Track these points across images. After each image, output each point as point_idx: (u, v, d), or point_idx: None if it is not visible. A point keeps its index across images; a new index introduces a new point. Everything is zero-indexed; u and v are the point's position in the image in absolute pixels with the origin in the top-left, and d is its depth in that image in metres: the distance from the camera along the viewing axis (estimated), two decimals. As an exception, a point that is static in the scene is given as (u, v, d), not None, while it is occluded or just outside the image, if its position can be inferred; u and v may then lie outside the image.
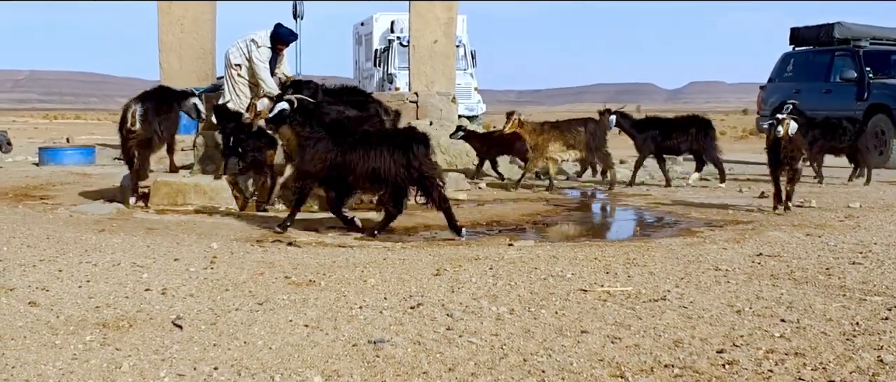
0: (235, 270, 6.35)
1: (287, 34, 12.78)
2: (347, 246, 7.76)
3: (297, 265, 6.61)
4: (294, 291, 5.66)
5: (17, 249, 7.02)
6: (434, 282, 5.97)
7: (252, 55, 12.41)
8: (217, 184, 10.53)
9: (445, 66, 16.34)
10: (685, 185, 13.74)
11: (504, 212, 10.38)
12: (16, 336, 4.52)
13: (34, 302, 5.19)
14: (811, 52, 20.67)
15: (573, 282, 5.98)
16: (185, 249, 7.30)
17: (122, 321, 4.83)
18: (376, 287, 5.83)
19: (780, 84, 20.99)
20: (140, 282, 5.84)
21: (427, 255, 7.12)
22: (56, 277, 5.93)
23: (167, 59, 15.58)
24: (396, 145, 8.32)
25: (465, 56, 27.52)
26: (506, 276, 6.17)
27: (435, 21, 16.14)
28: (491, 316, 5.04)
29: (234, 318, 4.94)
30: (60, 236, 7.82)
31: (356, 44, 32.68)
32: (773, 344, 4.48)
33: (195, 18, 15.66)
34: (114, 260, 6.64)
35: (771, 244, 7.73)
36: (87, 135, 33.21)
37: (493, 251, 7.38)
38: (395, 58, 27.55)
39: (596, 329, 4.75)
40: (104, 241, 7.60)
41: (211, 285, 5.82)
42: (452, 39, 16.41)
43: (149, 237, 8.04)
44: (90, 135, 34.30)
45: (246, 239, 8.07)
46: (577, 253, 7.18)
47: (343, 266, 6.61)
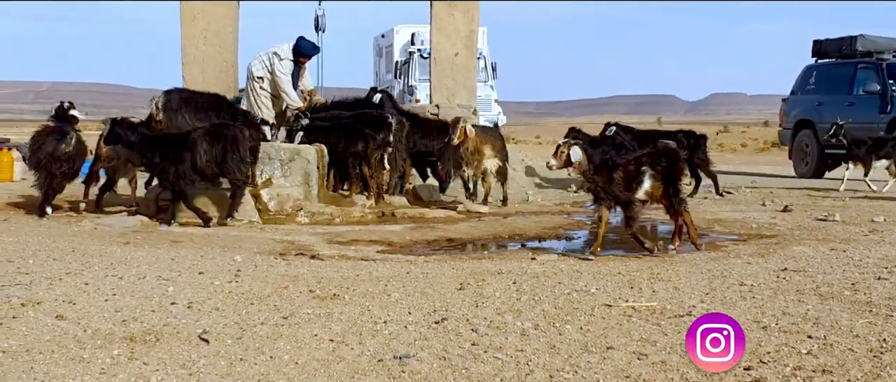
0: (260, 284, 6.37)
1: (309, 47, 12.85)
2: (370, 260, 7.78)
3: (320, 278, 6.62)
4: (318, 305, 5.67)
5: (43, 262, 7.07)
6: (458, 297, 5.98)
7: (274, 68, 12.49)
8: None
9: (466, 79, 16.36)
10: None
11: (526, 226, 10.38)
12: (44, 350, 4.55)
13: (61, 315, 5.22)
14: (834, 65, 20.58)
15: (597, 297, 5.97)
16: (210, 262, 7.33)
17: (148, 335, 4.85)
18: (400, 301, 5.83)
19: (803, 97, 20.91)
20: (166, 296, 5.86)
21: (450, 269, 7.13)
22: (82, 290, 5.97)
23: (190, 71, 15.67)
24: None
25: (485, 68, 27.55)
26: (529, 291, 6.17)
27: (456, 34, 16.16)
28: (516, 331, 5.04)
29: (259, 332, 4.95)
30: (85, 249, 7.86)
31: (377, 56, 32.78)
32: (801, 361, 4.46)
33: (218, 31, 15.75)
34: (139, 273, 6.67)
35: (796, 258, 7.70)
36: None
37: (516, 265, 7.38)
38: (415, 70, 27.63)
39: (621, 345, 4.75)
40: (129, 254, 7.64)
41: (236, 299, 5.84)
42: (473, 52, 16.43)
43: (173, 250, 8.08)
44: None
45: (269, 252, 8.10)
46: (600, 268, 7.17)
47: (366, 279, 6.62)
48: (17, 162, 15.92)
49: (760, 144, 40.06)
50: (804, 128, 20.41)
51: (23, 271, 6.59)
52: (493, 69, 28.87)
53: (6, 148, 16.18)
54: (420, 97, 26.19)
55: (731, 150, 40.35)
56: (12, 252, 7.50)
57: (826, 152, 19.81)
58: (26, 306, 5.43)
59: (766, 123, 77.63)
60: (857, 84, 19.52)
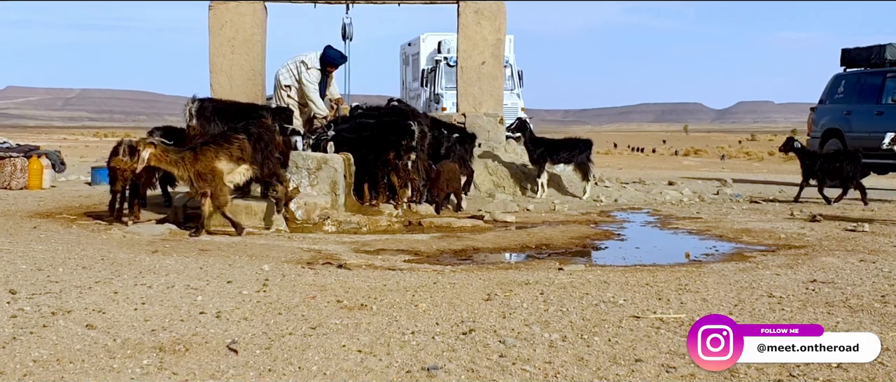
0: (288, 293, 6.39)
1: (336, 57, 12.92)
2: (397, 269, 7.78)
3: (348, 288, 6.63)
4: (346, 315, 5.68)
5: (72, 270, 7.11)
6: (485, 307, 5.97)
7: (302, 77, 12.57)
8: (268, 205, 10.60)
9: (493, 88, 16.40)
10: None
11: (552, 236, 10.36)
12: (75, 359, 4.58)
13: (91, 324, 5.25)
14: (862, 74, 20.46)
15: (625, 309, 5.96)
16: (238, 271, 7.36)
17: (178, 344, 4.88)
18: (428, 312, 5.84)
19: (831, 106, 20.80)
20: (194, 305, 5.89)
21: (477, 279, 7.12)
22: (112, 299, 6.00)
23: (218, 80, 15.80)
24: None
25: (511, 76, 27.53)
26: (557, 301, 6.16)
27: (483, 42, 16.21)
28: (543, 342, 5.04)
29: (288, 343, 4.97)
30: (114, 257, 7.91)
31: (403, 64, 32.82)
32: (831, 375, 4.44)
33: (246, 40, 15.87)
34: (168, 282, 6.70)
35: (824, 270, 7.66)
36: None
37: (543, 275, 7.37)
38: (441, 78, 27.64)
39: (650, 357, 4.73)
40: (158, 263, 7.68)
41: (264, 308, 5.86)
42: (500, 61, 16.47)
43: (201, 258, 8.11)
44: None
45: (296, 261, 8.12)
46: (628, 279, 7.15)
47: (394, 289, 6.63)
48: (46, 169, 16.03)
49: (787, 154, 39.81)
50: (833, 137, 20.30)
51: (53, 279, 6.64)
52: (519, 77, 28.84)
53: (36, 155, 16.28)
54: (446, 105, 26.21)
55: (758, 159, 40.19)
56: (42, 260, 7.55)
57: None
58: (57, 315, 5.46)
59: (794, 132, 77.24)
60: (886, 93, 19.39)
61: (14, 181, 15.47)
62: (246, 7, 15.88)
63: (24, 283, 6.42)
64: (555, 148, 15.12)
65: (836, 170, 14.49)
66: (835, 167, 14.48)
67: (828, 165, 14.52)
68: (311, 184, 11.26)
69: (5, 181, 15.44)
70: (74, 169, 20.85)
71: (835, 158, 14.66)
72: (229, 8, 15.83)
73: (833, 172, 14.51)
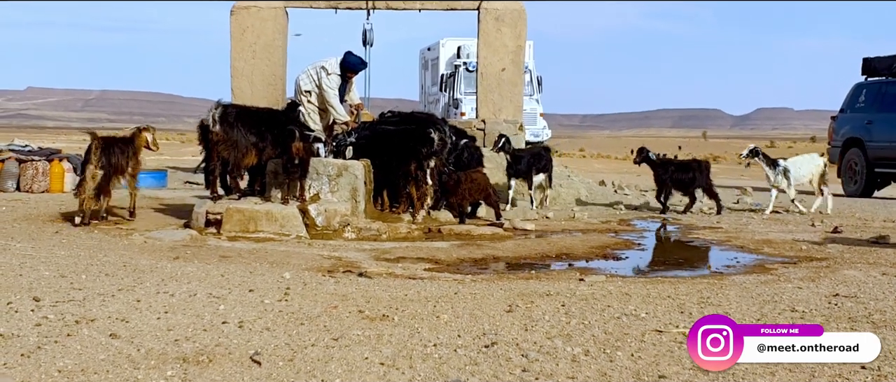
0: (309, 303, 6.40)
1: (357, 62, 12.93)
2: (418, 278, 7.78)
3: (369, 298, 6.64)
4: (368, 326, 5.68)
5: (95, 277, 7.14)
6: (507, 319, 5.96)
7: (322, 82, 12.59)
8: (288, 212, 10.63)
9: (513, 94, 16.39)
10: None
11: (572, 245, 10.34)
12: (99, 369, 4.59)
13: (115, 334, 5.27)
14: (884, 83, 20.37)
15: (647, 322, 5.94)
16: (259, 279, 7.37)
17: (201, 355, 4.89)
18: (450, 323, 5.83)
19: (852, 114, 20.73)
20: (217, 314, 5.90)
21: (498, 290, 7.11)
22: (135, 308, 6.02)
23: (239, 84, 15.86)
24: None
25: (531, 82, 27.51)
26: (579, 314, 6.15)
27: (503, 49, 16.20)
28: (566, 357, 5.02)
29: (310, 354, 4.97)
30: (136, 264, 7.94)
31: (422, 69, 32.85)
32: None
33: (267, 45, 15.92)
34: (190, 290, 6.72)
35: (847, 283, 7.62)
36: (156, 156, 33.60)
37: (565, 286, 7.36)
38: (461, 83, 27.66)
39: (674, 373, 4.72)
40: (179, 270, 7.71)
41: (286, 318, 5.87)
42: (520, 67, 16.46)
43: (222, 265, 8.13)
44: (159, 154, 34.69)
45: (317, 269, 8.13)
46: (649, 291, 7.13)
47: (415, 300, 6.62)
48: (68, 173, 16.09)
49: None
50: (853, 147, 20.23)
51: (76, 286, 6.66)
52: (538, 83, 28.84)
53: (57, 159, 16.34)
54: (465, 110, 26.22)
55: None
56: (65, 266, 7.59)
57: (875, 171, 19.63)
58: (80, 323, 5.48)
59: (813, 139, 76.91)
60: (908, 102, 19.34)
61: (36, 184, 15.54)
62: (268, 12, 15.93)
63: (47, 290, 6.45)
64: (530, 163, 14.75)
65: (687, 179, 14.40)
66: (686, 177, 14.39)
67: (679, 175, 14.42)
68: (331, 191, 11.27)
69: (27, 184, 15.51)
70: (95, 171, 20.89)
71: (686, 168, 14.56)
72: (251, 13, 15.88)
73: (684, 182, 14.42)
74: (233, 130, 10.98)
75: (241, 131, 11.01)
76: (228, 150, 11.05)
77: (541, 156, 14.59)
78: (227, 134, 10.96)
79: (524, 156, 14.35)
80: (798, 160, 15.16)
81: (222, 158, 11.19)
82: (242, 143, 11.02)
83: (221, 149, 11.07)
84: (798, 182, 14.78)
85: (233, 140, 10.98)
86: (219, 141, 11.00)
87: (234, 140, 10.98)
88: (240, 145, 11.02)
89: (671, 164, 14.63)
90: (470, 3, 16.28)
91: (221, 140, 10.98)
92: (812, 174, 14.79)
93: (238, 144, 11.01)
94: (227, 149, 11.05)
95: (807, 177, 14.80)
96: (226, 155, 11.12)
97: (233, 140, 10.98)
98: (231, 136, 10.97)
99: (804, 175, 14.78)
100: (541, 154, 14.70)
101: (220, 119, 10.96)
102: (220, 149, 11.08)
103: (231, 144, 11.00)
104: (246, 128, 11.05)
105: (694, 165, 14.75)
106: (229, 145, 11.01)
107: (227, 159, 11.18)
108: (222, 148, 11.06)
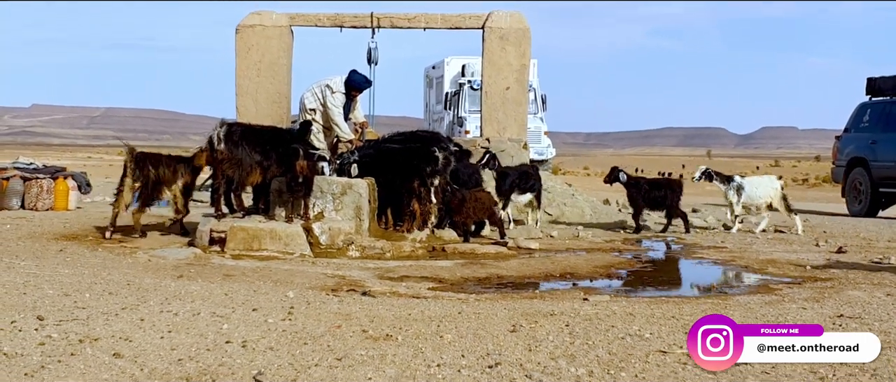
0: (313, 322, 6.39)
1: (361, 81, 12.97)
2: (422, 297, 7.77)
3: (373, 317, 6.63)
4: (372, 346, 5.67)
5: (98, 296, 7.14)
6: (511, 339, 5.95)
7: (326, 100, 12.63)
8: (292, 230, 10.63)
9: (517, 113, 16.43)
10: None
11: (577, 264, 10.34)
12: (102, 389, 4.59)
13: (118, 353, 5.26)
14: (888, 103, 20.36)
15: (652, 343, 5.92)
16: (263, 298, 7.37)
17: (204, 375, 4.88)
18: (453, 343, 5.82)
19: (857, 134, 20.72)
20: (220, 334, 5.89)
21: (502, 309, 7.10)
22: (138, 327, 6.02)
23: (244, 102, 15.92)
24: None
25: (535, 100, 27.55)
26: (583, 334, 6.13)
27: (508, 68, 16.24)
28: (570, 377, 5.01)
29: (314, 374, 4.96)
30: (140, 282, 7.94)
31: (427, 87, 32.90)
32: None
33: (272, 63, 15.98)
34: (194, 309, 6.71)
35: (851, 304, 7.59)
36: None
37: (569, 305, 7.35)
38: (465, 101, 27.71)
39: (678, 394, 4.71)
40: (183, 288, 7.71)
41: (290, 338, 5.86)
42: (525, 86, 16.50)
43: (226, 284, 8.13)
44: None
45: (321, 288, 8.13)
46: (653, 311, 7.11)
47: (419, 319, 6.62)
48: (72, 191, 16.11)
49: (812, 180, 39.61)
50: (858, 166, 20.21)
51: (80, 305, 6.66)
52: (543, 101, 28.88)
53: (62, 177, 16.37)
54: (469, 128, 26.26)
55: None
56: (68, 285, 7.59)
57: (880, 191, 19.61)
58: (84, 342, 5.48)
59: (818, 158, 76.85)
60: (913, 123, 19.33)
61: (40, 202, 15.56)
62: (273, 31, 15.99)
63: (51, 309, 6.45)
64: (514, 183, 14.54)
65: (660, 198, 14.35)
66: (659, 195, 14.34)
67: (652, 194, 14.36)
68: (335, 209, 11.29)
69: (32, 202, 15.54)
70: (99, 189, 20.92)
71: (658, 187, 14.51)
72: (256, 32, 15.94)
73: (657, 201, 14.37)
74: (237, 149, 11.01)
75: (246, 150, 11.04)
76: (233, 169, 11.08)
77: (527, 174, 14.36)
78: (232, 152, 10.99)
79: (510, 174, 14.13)
80: (755, 180, 15.13)
81: (227, 176, 11.21)
82: (247, 162, 11.05)
83: (226, 167, 11.09)
84: (753, 202, 14.68)
85: (237, 158, 11.00)
86: (223, 159, 11.03)
87: (238, 158, 11.00)
88: (244, 163, 11.05)
89: (643, 183, 14.56)
90: (475, 22, 16.34)
91: (226, 158, 11.01)
92: (769, 197, 14.66)
93: (242, 163, 11.03)
94: (232, 167, 11.07)
95: (764, 199, 14.66)
96: (230, 173, 11.14)
97: (237, 158, 11.00)
98: (236, 155, 11.00)
99: (760, 196, 14.66)
100: (527, 173, 14.47)
101: (224, 137, 10.99)
102: (225, 167, 11.10)
103: (236, 163, 11.02)
104: (251, 147, 11.08)
105: (665, 183, 14.73)
106: (234, 163, 11.04)
107: (231, 177, 11.20)
108: (227, 166, 11.08)
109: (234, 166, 11.08)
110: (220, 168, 11.17)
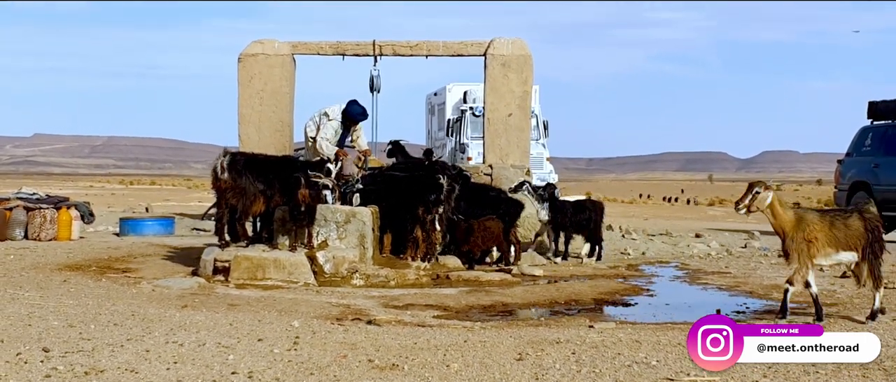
0: (319, 352, 6.38)
1: (358, 114, 13.07)
2: (427, 326, 7.77)
3: (379, 347, 6.62)
4: (378, 376, 5.66)
5: (103, 327, 7.13)
6: (517, 368, 5.94)
7: (319, 126, 12.72)
8: (296, 259, 10.63)
9: (520, 139, 16.40)
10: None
11: (581, 291, 10.33)
12: (109, 421, 4.58)
13: (124, 385, 5.26)
14: (890, 126, 20.33)
15: (658, 370, 5.90)
16: (268, 328, 7.36)
17: (211, 407, 4.87)
18: (460, 372, 5.81)
19: (858, 158, 20.68)
20: (226, 364, 5.88)
21: (508, 337, 7.09)
22: (144, 358, 6.01)
23: (246, 131, 15.91)
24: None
25: (537, 126, 27.54)
26: (589, 362, 6.12)
27: (510, 95, 16.23)
28: (578, 406, 5.00)
29: (320, 405, 4.95)
30: (145, 313, 7.93)
31: (429, 113, 32.90)
32: None
33: (274, 91, 15.98)
34: (199, 339, 6.71)
35: (856, 328, 7.57)
36: (162, 201, 33.79)
37: (574, 333, 7.34)
38: (467, 128, 27.68)
39: (686, 423, 4.69)
40: (188, 319, 7.70)
41: (296, 368, 5.85)
42: (527, 113, 16.48)
43: (231, 314, 8.12)
44: (166, 200, 34.90)
45: (326, 317, 8.12)
46: (659, 338, 7.10)
47: (425, 348, 6.60)
48: (75, 221, 16.11)
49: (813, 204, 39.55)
50: (860, 190, 20.18)
51: (85, 337, 6.66)
52: (545, 127, 28.86)
53: (65, 206, 16.36)
54: (472, 155, 26.22)
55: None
56: (73, 316, 7.59)
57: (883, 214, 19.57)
58: (90, 374, 5.48)
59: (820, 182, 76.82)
60: (915, 146, 19.30)
61: (43, 232, 15.55)
62: (275, 59, 16.00)
63: (56, 341, 6.44)
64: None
65: (584, 221, 14.07)
66: (582, 218, 14.05)
67: (576, 217, 14.08)
68: (339, 238, 11.27)
69: (35, 232, 15.53)
70: (102, 219, 20.91)
71: (582, 209, 14.22)
72: (259, 60, 15.95)
73: (580, 224, 14.07)
74: (241, 178, 11.03)
75: (250, 178, 11.06)
76: (237, 198, 11.09)
77: (583, 207, 14.24)
78: (236, 181, 11.01)
79: (568, 208, 13.99)
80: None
81: (230, 205, 11.22)
82: (250, 191, 11.06)
83: (229, 196, 11.10)
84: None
85: (241, 187, 11.02)
86: (227, 188, 11.05)
87: (242, 187, 11.02)
88: (248, 192, 11.06)
89: (567, 207, 14.23)
90: (477, 50, 16.35)
91: (230, 187, 11.03)
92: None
93: (246, 191, 11.05)
94: (236, 196, 11.08)
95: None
96: (234, 202, 11.15)
97: (241, 187, 11.02)
98: (239, 184, 11.02)
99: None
100: (583, 206, 14.34)
101: (228, 166, 11.01)
102: (229, 196, 11.11)
103: (239, 191, 11.04)
104: (254, 176, 11.10)
105: (589, 205, 14.57)
106: (237, 192, 11.06)
107: (235, 206, 11.21)
108: (230, 195, 11.10)
109: (238, 195, 11.09)
110: (224, 197, 11.18)
